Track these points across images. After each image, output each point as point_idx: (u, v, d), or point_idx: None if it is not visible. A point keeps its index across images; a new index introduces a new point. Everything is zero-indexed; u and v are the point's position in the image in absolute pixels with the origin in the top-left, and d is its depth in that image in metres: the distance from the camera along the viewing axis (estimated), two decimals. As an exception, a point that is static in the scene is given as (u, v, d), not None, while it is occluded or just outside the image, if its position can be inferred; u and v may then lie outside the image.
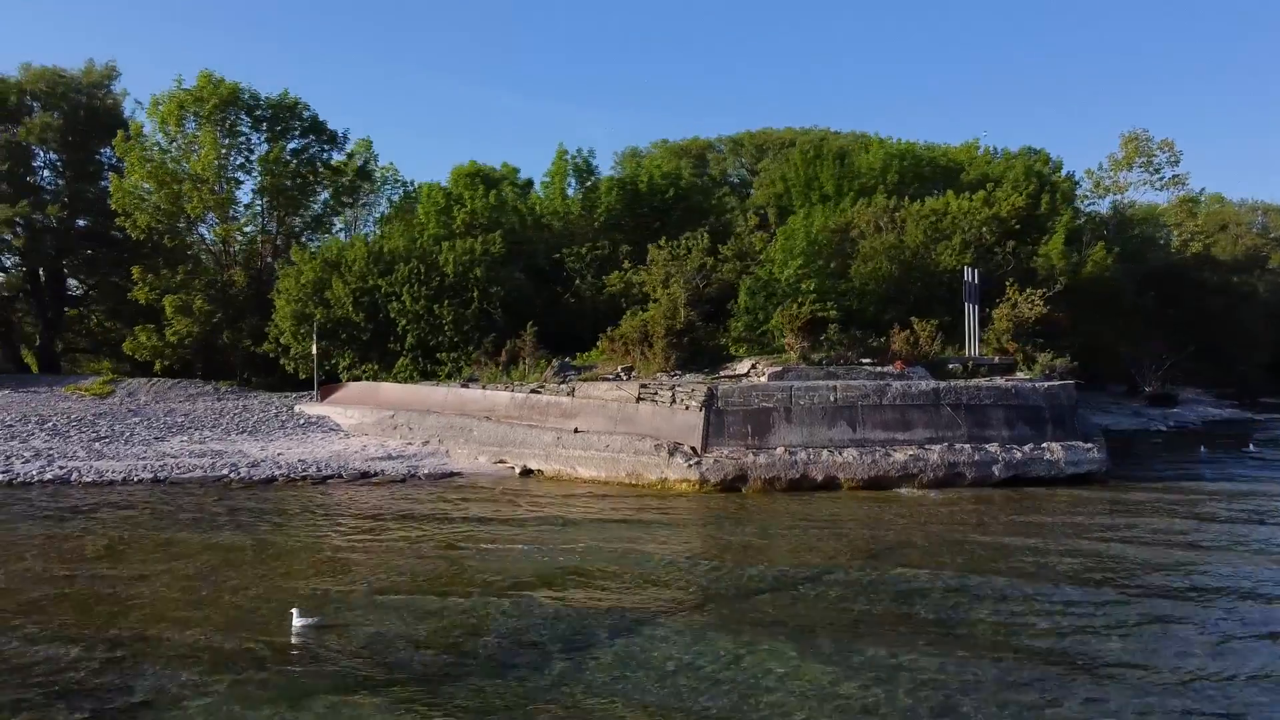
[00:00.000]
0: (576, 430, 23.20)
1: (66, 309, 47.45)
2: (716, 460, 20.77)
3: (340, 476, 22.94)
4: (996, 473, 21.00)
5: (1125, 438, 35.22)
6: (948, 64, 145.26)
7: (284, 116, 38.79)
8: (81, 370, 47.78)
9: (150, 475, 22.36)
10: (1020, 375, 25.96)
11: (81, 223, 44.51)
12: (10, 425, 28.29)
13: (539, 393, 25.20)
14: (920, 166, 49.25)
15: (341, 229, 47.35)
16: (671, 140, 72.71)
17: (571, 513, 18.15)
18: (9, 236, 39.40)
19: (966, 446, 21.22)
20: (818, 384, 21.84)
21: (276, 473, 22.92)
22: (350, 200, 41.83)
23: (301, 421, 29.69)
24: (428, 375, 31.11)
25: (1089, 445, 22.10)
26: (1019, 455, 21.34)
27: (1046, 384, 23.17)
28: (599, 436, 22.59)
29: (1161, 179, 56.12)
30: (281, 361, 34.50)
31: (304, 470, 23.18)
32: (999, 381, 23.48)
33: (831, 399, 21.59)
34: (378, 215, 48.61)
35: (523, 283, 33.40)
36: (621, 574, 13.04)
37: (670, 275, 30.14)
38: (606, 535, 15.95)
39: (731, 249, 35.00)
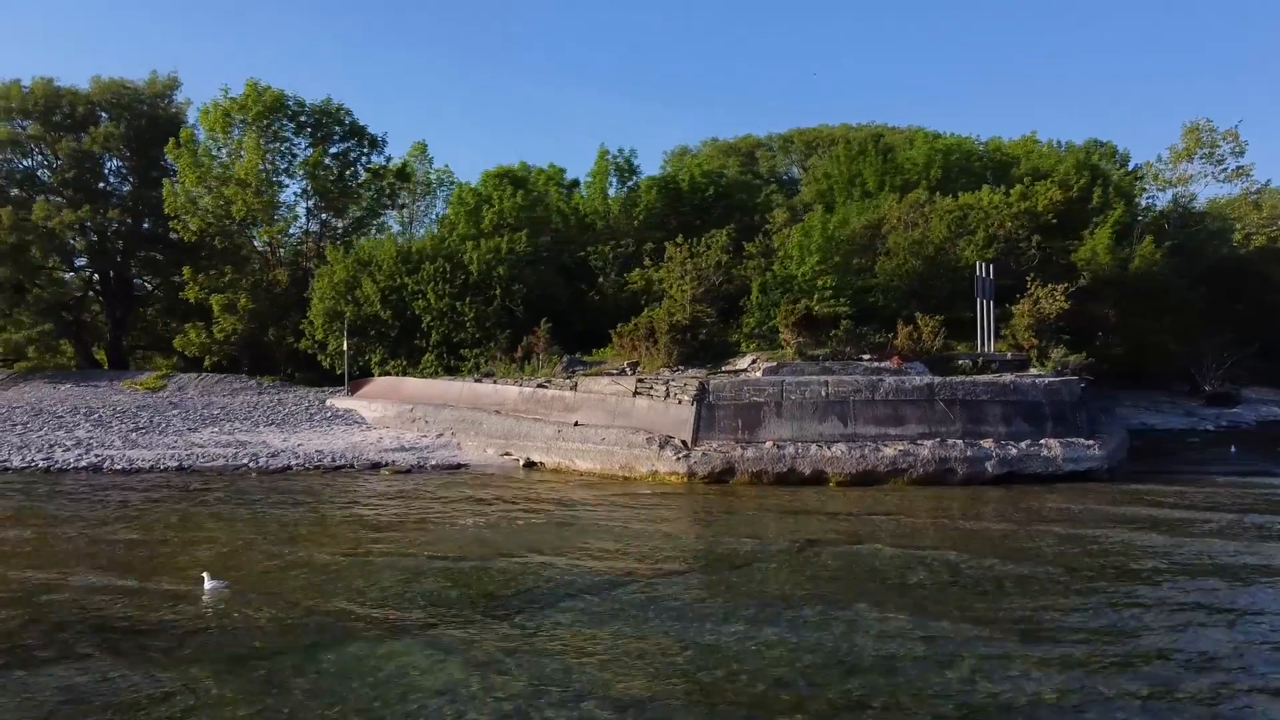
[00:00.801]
0: (576, 424, 23.72)
1: (134, 308, 50.06)
2: (705, 453, 21.04)
3: (352, 466, 23.90)
4: (990, 469, 20.74)
5: (1160, 437, 34.21)
6: (1022, 57, 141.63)
7: (325, 122, 40.28)
8: (148, 366, 50.35)
9: (176, 463, 23.67)
10: (1033, 371, 25.53)
11: (144, 226, 46.88)
12: (61, 416, 30.15)
13: (545, 387, 25.81)
14: (970, 160, 48.56)
15: (400, 229, 48.97)
16: (721, 139, 72.90)
17: (545, 501, 18.67)
18: (74, 239, 41.59)
19: (959, 442, 21.01)
20: (809, 379, 21.91)
21: (293, 462, 24.01)
22: (390, 202, 43.11)
23: (329, 415, 30.88)
24: (451, 370, 32.01)
25: (1090, 442, 21.65)
26: (1014, 452, 21.04)
27: (1047, 380, 22.77)
28: (596, 430, 23.06)
29: (1225, 170, 54.03)
30: (319, 358, 35.88)
31: (319, 460, 24.22)
32: (1003, 377, 23.15)
33: (823, 394, 21.64)
34: (434, 215, 50.15)
35: (549, 280, 34.10)
36: (541, 549, 13.52)
37: (686, 272, 30.42)
38: (554, 520, 16.45)
39: (757, 246, 35.09)
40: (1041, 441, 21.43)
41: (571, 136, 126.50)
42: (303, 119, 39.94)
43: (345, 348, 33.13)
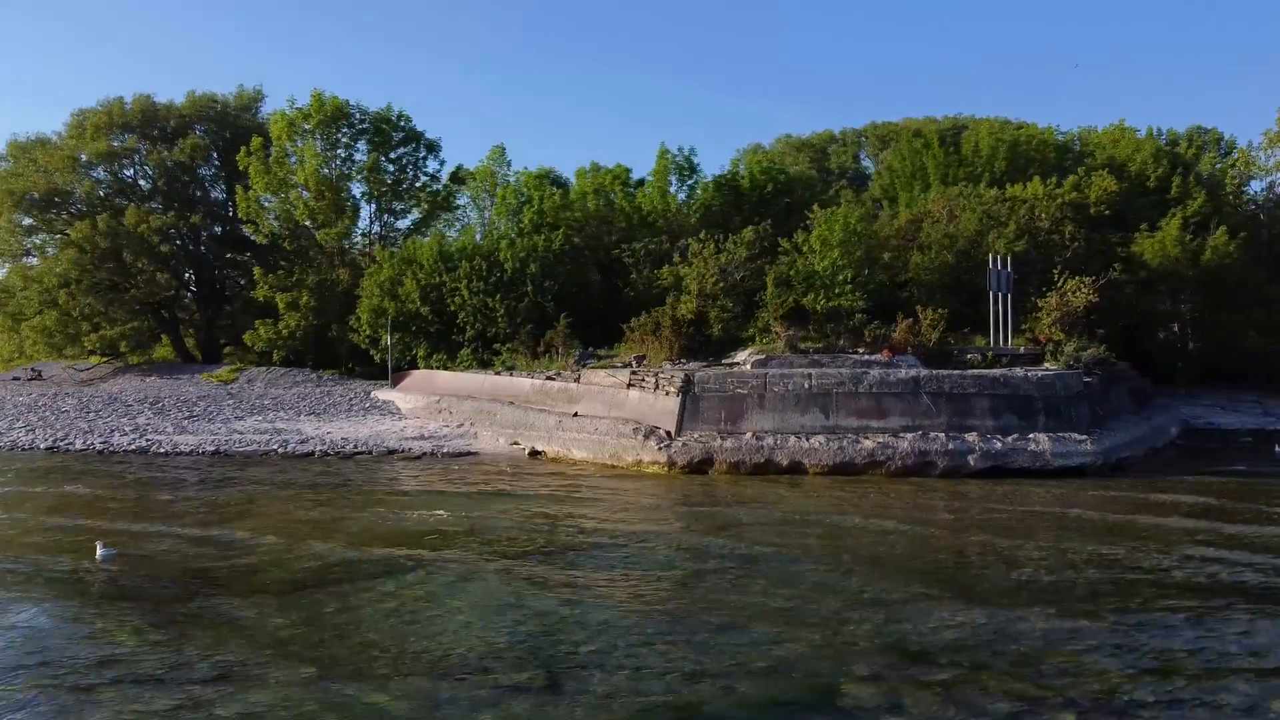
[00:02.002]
0: (575, 415, 24.56)
1: (222, 306, 53.67)
2: (685, 444, 21.54)
3: (370, 453, 25.36)
4: (972, 463, 20.51)
5: (1220, 436, 32.58)
6: (1134, 43, 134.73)
7: (384, 128, 42.33)
8: (234, 361, 53.90)
9: (213, 448, 25.63)
10: (1046, 365, 24.96)
11: (228, 229, 50.27)
12: (130, 405, 32.87)
13: (553, 380, 26.75)
14: (1044, 150, 47.17)
15: (480, 228, 50.98)
16: (795, 134, 72.50)
17: (522, 486, 19.57)
18: (162, 243, 44.95)
19: (941, 435, 20.87)
20: (792, 371, 22.12)
21: (317, 448, 25.64)
22: (446, 204, 44.95)
23: (368, 406, 32.65)
24: (485, 364, 33.34)
25: (1083, 437, 21.11)
26: (999, 445, 20.74)
27: (1040, 373, 22.29)
28: (590, 420, 23.85)
29: (1326, 156, 50.46)
30: (371, 353, 37.85)
31: (341, 447, 25.79)
32: (991, 371, 22.79)
33: (806, 386, 21.82)
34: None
35: (583, 277, 35.06)
36: (475, 531, 14.38)
37: (707, 268, 30.82)
38: (514, 504, 17.32)
39: (792, 242, 35.12)
40: (1030, 436, 21.05)
41: (665, 134, 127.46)
42: (363, 126, 42.09)
43: (389, 343, 34.87)
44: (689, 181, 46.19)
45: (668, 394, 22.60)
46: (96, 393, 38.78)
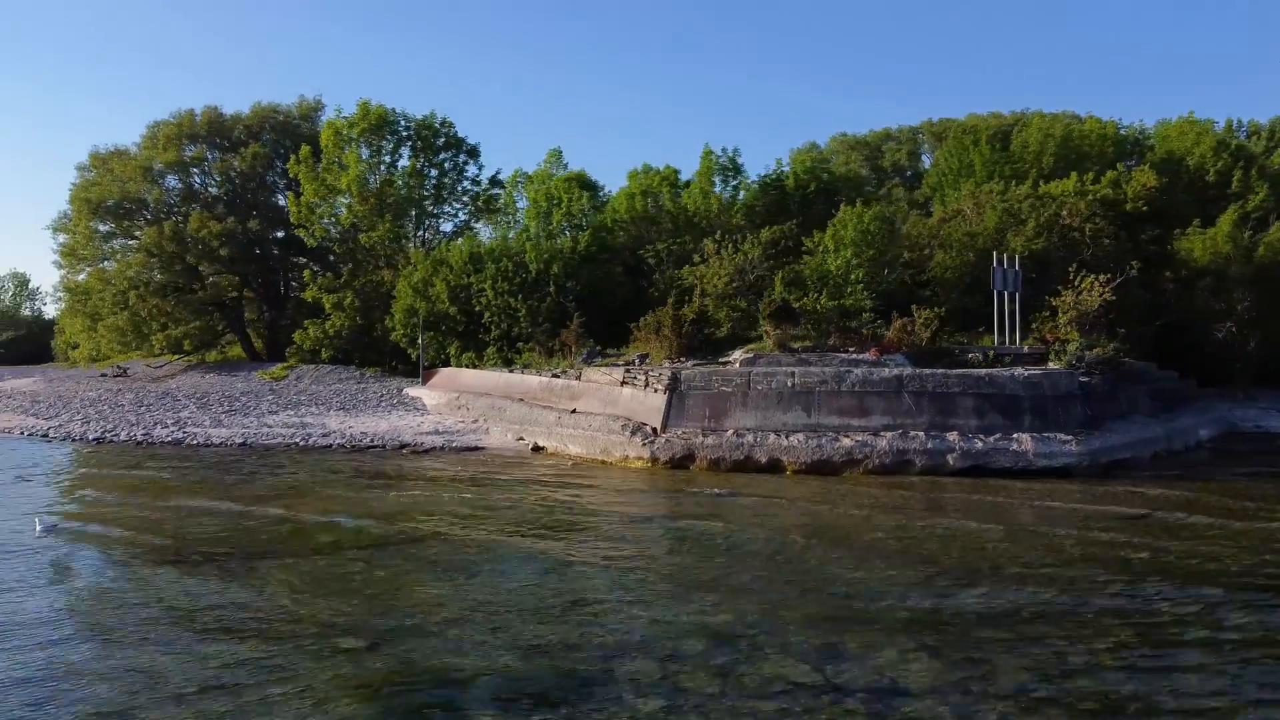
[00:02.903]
0: (573, 411, 25.28)
1: (283, 307, 56.21)
2: (668, 440, 22.03)
3: (383, 447, 26.54)
4: (951, 462, 20.45)
5: (1252, 439, 31.36)
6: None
7: (425, 135, 43.84)
8: (296, 359, 56.42)
9: (241, 440, 27.21)
10: (1051, 365, 24.59)
11: (289, 233, 52.67)
12: (178, 400, 34.96)
13: (558, 377, 27.52)
14: (1101, 145, 46.03)
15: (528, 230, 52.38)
16: (851, 133, 71.85)
17: (507, 476, 20.40)
18: (222, 247, 47.39)
19: (920, 434, 20.86)
20: (776, 370, 22.38)
21: (336, 442, 26.97)
22: (486, 206, 46.26)
23: (396, 402, 34.00)
24: (509, 363, 34.33)
25: (1068, 438, 20.81)
26: (980, 445, 20.62)
27: (1028, 373, 22.03)
28: (585, 417, 24.53)
29: None
30: (409, 351, 39.31)
31: (358, 441, 27.05)
32: (976, 370, 22.60)
33: (789, 384, 22.06)
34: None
35: (608, 277, 35.75)
36: (450, 513, 15.22)
37: (723, 268, 31.17)
38: (485, 489, 18.13)
39: (815, 241, 35.15)
40: (1014, 436, 20.86)
41: (729, 133, 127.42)
42: (406, 133, 43.68)
43: (420, 341, 36.21)
44: (733, 182, 46.57)
45: (656, 391, 23.12)
46: (157, 389, 41.24)
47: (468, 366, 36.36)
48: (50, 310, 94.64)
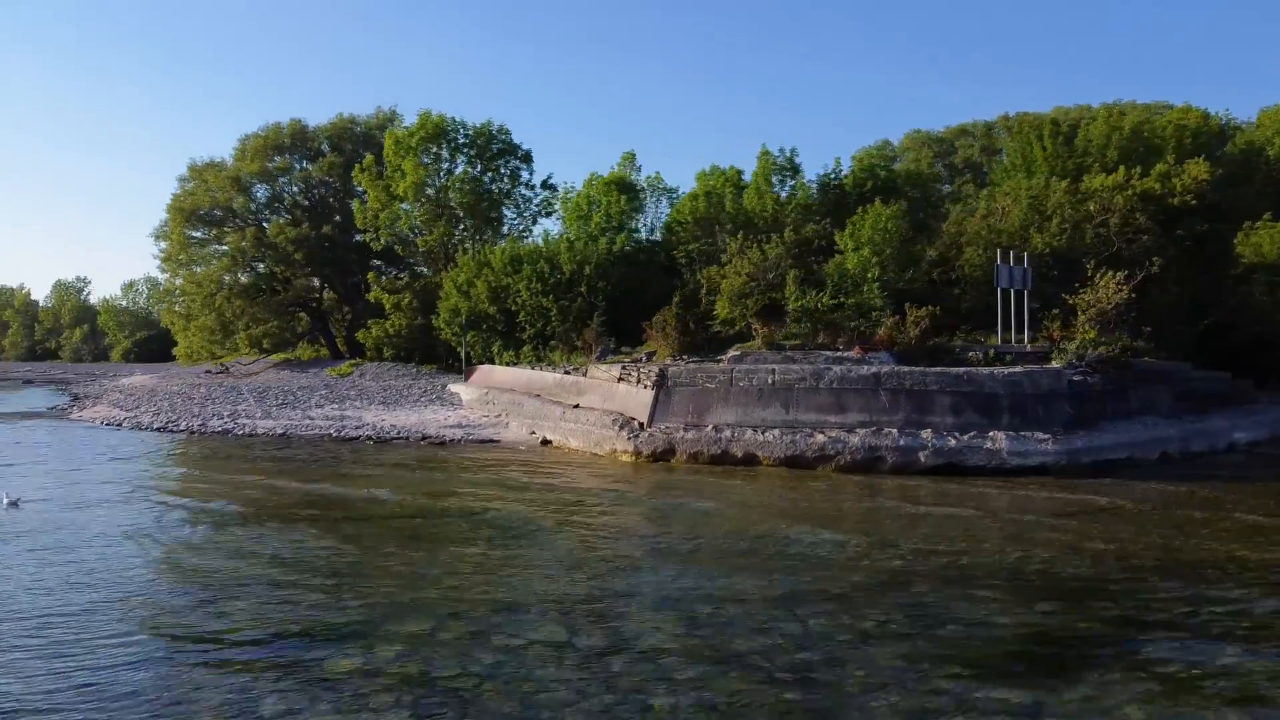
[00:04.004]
0: (576, 406, 26.33)
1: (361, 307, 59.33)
2: (651, 434, 22.83)
3: (406, 439, 28.17)
4: (923, 459, 20.54)
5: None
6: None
7: (482, 141, 45.73)
8: (372, 357, 59.49)
9: (281, 431, 29.34)
10: (1054, 364, 24.26)
11: (359, 238, 55.68)
12: (241, 395, 37.70)
13: (569, 374, 28.62)
14: (1180, 135, 44.36)
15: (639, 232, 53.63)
16: (924, 129, 70.60)
17: (499, 467, 21.63)
18: (293, 250, 50.60)
19: (894, 431, 21.03)
20: (758, 367, 22.88)
21: (365, 434, 28.76)
22: (540, 210, 47.93)
23: (435, 397, 35.80)
24: (542, 360, 35.68)
25: (1045, 436, 20.61)
26: (953, 443, 20.63)
27: (1007, 371, 21.85)
28: (585, 412, 25.54)
29: None
30: (458, 349, 41.20)
31: (385, 433, 28.79)
32: (954, 369, 22.52)
33: (769, 381, 22.53)
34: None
35: (640, 277, 36.68)
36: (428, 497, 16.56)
37: (743, 268, 31.63)
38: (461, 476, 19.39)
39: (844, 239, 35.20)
40: (988, 434, 20.81)
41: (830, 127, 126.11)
42: (461, 140, 45.68)
43: (464, 339, 37.98)
44: (790, 182, 46.79)
45: (645, 387, 23.94)
46: (231, 384, 44.38)
47: (508, 364, 37.90)
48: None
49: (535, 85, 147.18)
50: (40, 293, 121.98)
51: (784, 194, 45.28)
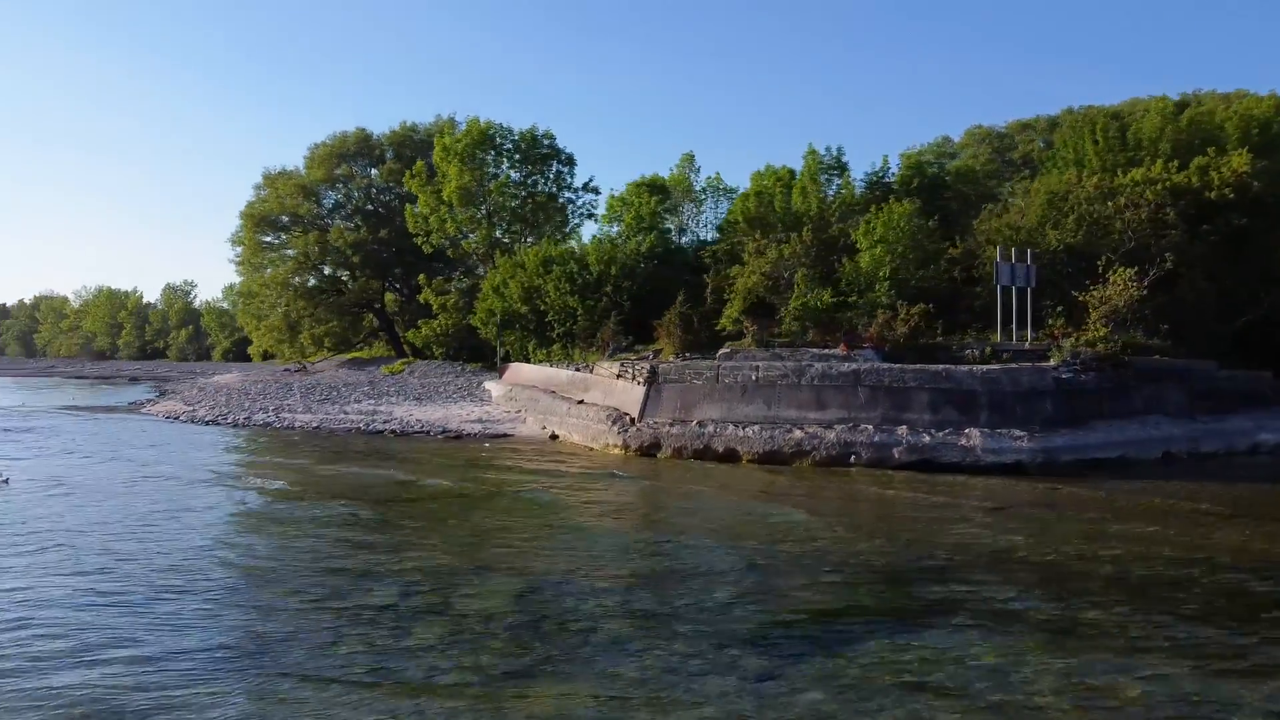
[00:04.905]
0: (580, 401, 27.30)
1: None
2: (638, 429, 23.62)
3: (427, 433, 29.57)
4: (897, 455, 20.76)
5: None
6: None
7: (524, 146, 47.18)
8: (429, 356, 61.74)
9: (315, 425, 31.18)
10: (1051, 361, 24.07)
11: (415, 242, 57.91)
12: (291, 391, 39.93)
13: (579, 371, 29.61)
14: (1244, 125, 42.88)
15: (672, 232, 54.70)
16: (986, 125, 69.15)
17: (494, 459, 22.78)
18: (352, 253, 53.02)
19: (869, 427, 21.31)
20: (741, 364, 23.41)
21: (390, 428, 30.33)
22: (584, 212, 49.16)
23: (468, 393, 37.27)
24: (569, 358, 36.76)
25: (1021, 434, 20.59)
26: (927, 440, 20.80)
27: (985, 369, 21.83)
28: (588, 407, 26.48)
29: None
30: (496, 346, 42.69)
31: (410, 427, 30.28)
32: (933, 366, 22.57)
33: (753, 378, 23.04)
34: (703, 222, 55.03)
35: (667, 277, 37.40)
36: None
37: (755, 268, 32.10)
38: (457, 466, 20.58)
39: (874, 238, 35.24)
40: (964, 431, 20.90)
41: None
42: (506, 146, 47.21)
43: (499, 338, 39.41)
44: (836, 181, 46.89)
45: (637, 384, 24.73)
46: (285, 382, 46.87)
47: (539, 363, 39.13)
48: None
49: (597, 92, 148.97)
50: (151, 295, 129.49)
51: (830, 193, 45.47)
